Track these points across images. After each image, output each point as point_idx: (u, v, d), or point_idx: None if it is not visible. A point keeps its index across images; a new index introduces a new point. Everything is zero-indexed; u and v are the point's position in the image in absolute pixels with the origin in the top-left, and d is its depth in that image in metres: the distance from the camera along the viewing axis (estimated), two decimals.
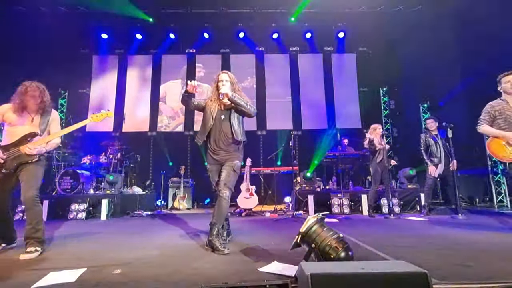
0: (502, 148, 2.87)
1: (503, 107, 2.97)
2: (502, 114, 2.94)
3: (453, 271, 1.78)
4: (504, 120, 2.93)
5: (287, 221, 4.37)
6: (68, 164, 6.47)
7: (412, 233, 3.20)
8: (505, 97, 3.02)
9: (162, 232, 3.53)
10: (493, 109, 3.02)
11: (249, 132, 8.02)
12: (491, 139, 2.98)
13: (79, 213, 5.00)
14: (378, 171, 4.80)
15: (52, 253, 2.42)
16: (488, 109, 3.05)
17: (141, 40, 8.15)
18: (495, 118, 2.99)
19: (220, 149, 2.67)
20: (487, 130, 3.00)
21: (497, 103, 3.03)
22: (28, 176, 2.45)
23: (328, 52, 8.62)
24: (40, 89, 2.68)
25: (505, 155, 2.85)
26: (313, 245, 1.68)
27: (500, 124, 2.95)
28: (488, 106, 3.07)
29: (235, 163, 2.66)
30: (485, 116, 3.05)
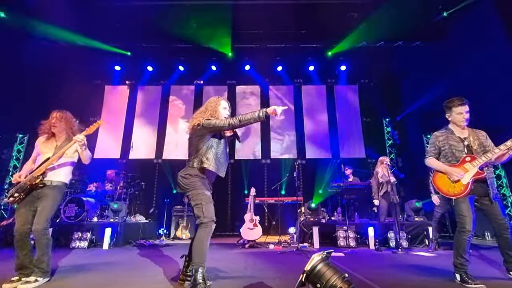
0: (445, 181, 2.66)
1: (447, 137, 2.76)
2: (445, 145, 2.74)
3: None
4: (447, 151, 2.72)
5: (292, 254, 4.27)
6: (74, 191, 6.52)
7: (420, 270, 3.10)
8: (452, 126, 2.82)
9: (163, 263, 3.47)
10: (437, 140, 2.81)
11: (254, 161, 8.20)
12: (435, 173, 2.77)
13: (82, 242, 4.96)
14: (385, 205, 4.75)
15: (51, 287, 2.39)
16: (433, 141, 2.84)
17: (151, 72, 8.56)
18: (440, 150, 2.79)
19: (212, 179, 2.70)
20: (432, 163, 2.80)
21: (441, 133, 2.82)
22: (42, 206, 2.60)
23: (330, 84, 8.92)
24: (64, 116, 2.90)
25: (449, 189, 2.62)
26: (318, 285, 1.66)
27: (446, 156, 2.74)
28: (433, 137, 2.86)
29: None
30: (431, 148, 2.84)
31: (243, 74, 8.69)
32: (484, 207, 2.62)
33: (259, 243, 5.27)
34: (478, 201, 2.63)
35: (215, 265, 3.45)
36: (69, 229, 5.15)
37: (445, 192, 2.65)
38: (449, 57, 6.96)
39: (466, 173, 2.58)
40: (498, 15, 5.71)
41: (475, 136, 2.74)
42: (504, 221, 2.52)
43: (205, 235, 2.28)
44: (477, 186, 2.58)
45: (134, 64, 8.42)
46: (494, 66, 5.73)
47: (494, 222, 2.56)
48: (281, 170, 7.93)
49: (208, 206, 2.35)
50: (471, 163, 2.60)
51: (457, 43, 6.69)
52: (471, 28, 6.25)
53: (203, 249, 2.23)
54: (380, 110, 8.60)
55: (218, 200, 8.06)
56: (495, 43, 5.74)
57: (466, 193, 2.55)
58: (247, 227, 5.18)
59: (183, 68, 8.52)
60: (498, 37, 5.67)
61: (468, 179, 2.57)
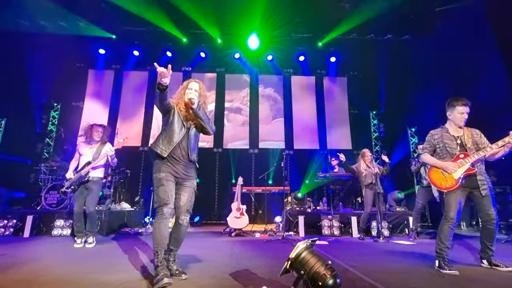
0: (439, 175, 2.81)
1: (442, 135, 2.89)
2: (440, 143, 2.88)
3: None
4: (441, 149, 2.87)
5: (277, 242, 4.35)
6: (56, 178, 6.33)
7: (400, 257, 3.23)
8: (448, 125, 2.94)
9: (148, 252, 3.46)
10: (432, 137, 2.96)
11: (242, 150, 8.19)
12: (430, 168, 2.92)
13: (64, 230, 4.85)
14: (369, 196, 4.88)
15: (36, 275, 2.34)
16: (429, 138, 2.99)
17: (138, 56, 8.28)
18: (435, 147, 2.94)
19: (179, 163, 2.37)
20: (427, 159, 2.93)
21: (436, 131, 2.97)
22: (91, 195, 3.93)
23: (320, 75, 8.93)
24: (105, 131, 4.18)
25: (442, 183, 2.78)
26: (302, 272, 1.69)
27: (439, 153, 2.90)
28: (429, 135, 3.00)
29: (195, 183, 2.49)
30: (426, 145, 2.99)
31: (233, 62, 8.55)
32: (476, 199, 2.76)
33: (245, 231, 5.33)
34: (471, 194, 2.77)
35: (202, 252, 3.47)
36: (51, 217, 5.02)
37: (438, 185, 2.82)
38: (437, 52, 7.08)
39: (458, 169, 2.72)
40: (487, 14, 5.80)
41: (469, 134, 2.87)
42: (493, 214, 2.66)
43: (156, 220, 2.25)
44: (469, 180, 2.73)
45: (119, 48, 8.12)
46: (481, 63, 5.87)
47: (482, 213, 2.71)
48: (268, 160, 7.97)
49: (158, 190, 2.28)
50: (464, 160, 2.74)
51: (445, 38, 6.80)
52: (460, 24, 6.35)
53: (155, 234, 2.23)
54: (367, 102, 8.73)
55: (205, 189, 8.10)
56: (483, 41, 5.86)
57: (457, 187, 2.70)
58: (234, 215, 5.21)
59: (170, 54, 8.28)
60: (486, 35, 5.79)
61: (460, 174, 2.71)
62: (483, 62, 5.83)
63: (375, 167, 4.99)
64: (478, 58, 5.93)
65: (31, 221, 4.84)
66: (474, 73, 5.93)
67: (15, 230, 4.82)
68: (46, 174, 6.43)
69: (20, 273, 2.40)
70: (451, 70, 6.50)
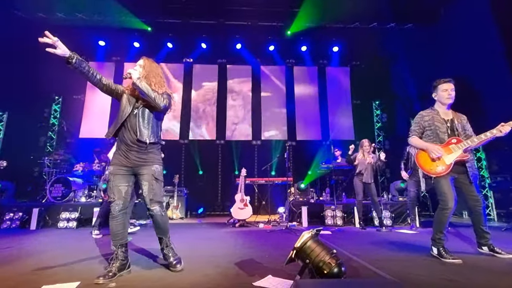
0: (428, 160, 2.71)
1: (433, 117, 2.81)
2: (431, 125, 2.79)
3: (444, 286, 1.83)
4: (432, 131, 2.78)
5: (281, 232, 4.39)
6: (60, 171, 6.38)
7: (403, 246, 3.25)
8: (437, 107, 2.88)
9: (155, 243, 3.50)
10: (423, 119, 2.86)
11: (245, 142, 8.19)
12: (418, 151, 2.82)
13: (70, 222, 4.92)
14: (358, 184, 4.90)
15: (43, 266, 2.39)
16: (418, 120, 2.89)
17: (138, 48, 8.20)
18: (424, 129, 2.84)
19: (131, 149, 2.21)
20: (415, 141, 2.84)
21: (427, 113, 2.87)
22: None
23: (322, 66, 8.83)
24: None
25: (431, 168, 2.68)
26: (307, 261, 1.71)
27: (429, 136, 2.80)
28: (419, 116, 2.90)
29: (154, 168, 2.24)
30: (415, 127, 2.88)
31: (234, 53, 8.46)
32: (461, 185, 2.72)
33: (249, 222, 5.38)
34: (456, 180, 2.72)
35: (206, 243, 3.52)
36: (57, 210, 5.09)
37: (427, 170, 2.71)
38: (440, 41, 6.96)
39: (450, 154, 2.66)
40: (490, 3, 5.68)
41: (458, 119, 2.82)
42: (478, 197, 2.64)
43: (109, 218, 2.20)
44: (456, 166, 2.67)
45: (119, 40, 8.03)
46: (484, 53, 5.78)
47: (468, 198, 2.68)
48: (271, 151, 7.98)
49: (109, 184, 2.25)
50: (456, 145, 2.67)
51: (449, 27, 6.67)
52: (464, 13, 6.22)
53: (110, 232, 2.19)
54: (370, 92, 8.65)
55: (208, 181, 8.14)
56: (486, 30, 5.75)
57: (447, 172, 2.63)
58: (237, 207, 5.25)
59: (171, 45, 8.19)
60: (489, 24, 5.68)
61: (452, 160, 2.65)
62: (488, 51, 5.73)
63: (370, 157, 4.98)
64: (483, 48, 5.83)
65: (37, 214, 4.91)
66: (478, 63, 5.84)
67: (21, 223, 4.90)
68: (50, 168, 6.48)
69: (27, 264, 2.44)
70: (454, 60, 6.41)
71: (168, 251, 2.33)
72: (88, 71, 2.13)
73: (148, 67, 2.33)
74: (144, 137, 2.18)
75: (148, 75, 2.28)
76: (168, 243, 2.37)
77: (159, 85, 2.33)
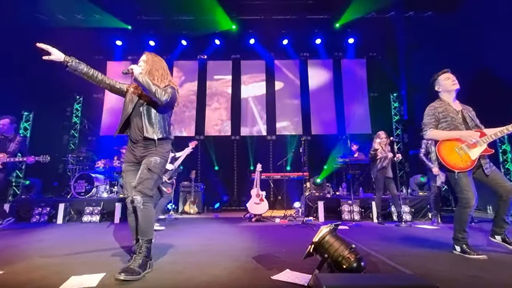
0: (453, 153, 2.54)
1: (446, 108, 2.66)
2: (446, 117, 2.63)
3: (467, 283, 1.78)
4: (449, 123, 2.62)
5: (297, 227, 4.39)
6: (83, 168, 6.64)
7: (423, 242, 3.18)
8: (444, 98, 2.73)
9: (175, 236, 3.61)
10: (436, 111, 2.68)
11: (260, 138, 8.20)
12: (441, 143, 2.60)
13: (93, 216, 5.14)
14: (379, 179, 4.81)
15: (71, 258, 2.52)
16: (432, 111, 2.70)
17: (154, 46, 8.34)
18: (439, 121, 2.66)
19: (137, 145, 2.22)
20: (436, 134, 2.64)
21: (439, 104, 2.72)
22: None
23: (337, 58, 8.65)
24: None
25: (456, 162, 2.51)
26: (326, 255, 1.71)
27: (446, 128, 2.63)
28: (431, 108, 2.72)
29: (152, 160, 2.14)
30: (430, 119, 2.68)
31: (248, 48, 8.44)
32: (482, 179, 2.59)
33: (265, 217, 5.41)
34: (475, 174, 2.61)
35: (223, 237, 3.58)
36: (81, 205, 5.32)
37: (452, 165, 2.55)
38: (461, 29, 6.63)
39: (475, 148, 2.53)
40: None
41: (466, 110, 2.71)
42: (509, 185, 2.49)
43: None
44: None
45: (135, 39, 8.19)
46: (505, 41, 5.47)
47: (498, 188, 2.51)
48: (286, 146, 7.95)
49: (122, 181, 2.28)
50: (482, 139, 2.54)
51: (469, 15, 6.34)
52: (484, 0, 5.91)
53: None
54: (387, 84, 8.39)
55: (224, 176, 8.24)
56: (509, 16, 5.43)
57: (471, 167, 2.52)
58: (253, 201, 5.29)
59: (186, 43, 8.28)
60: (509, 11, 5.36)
61: (477, 154, 2.52)
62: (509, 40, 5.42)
63: (389, 151, 4.89)
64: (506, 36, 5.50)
65: (63, 208, 5.15)
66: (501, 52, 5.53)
67: (49, 217, 5.16)
68: (74, 165, 6.76)
69: (57, 255, 2.58)
70: (476, 48, 6.10)
71: (137, 257, 1.98)
72: (88, 72, 2.19)
73: (151, 61, 2.31)
74: (150, 134, 2.15)
75: (152, 69, 2.27)
76: (142, 249, 2.03)
77: (163, 78, 2.29)
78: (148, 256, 2.04)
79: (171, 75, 2.41)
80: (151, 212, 2.12)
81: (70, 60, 2.13)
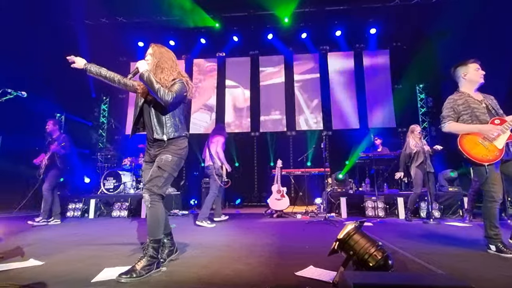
0: (477, 146, 2.39)
1: (466, 100, 2.53)
2: (467, 109, 2.50)
3: (506, 284, 1.68)
4: (470, 115, 2.49)
5: (320, 223, 4.34)
6: (111, 165, 6.97)
7: (454, 240, 3.03)
8: (465, 89, 2.60)
9: (198, 231, 3.70)
10: (456, 103, 2.56)
11: (279, 133, 8.16)
12: (462, 137, 2.48)
13: (122, 211, 5.39)
14: (419, 174, 4.60)
15: (103, 250, 2.66)
16: (451, 104, 2.58)
17: (174, 46, 8.50)
18: (460, 114, 2.54)
19: (152, 145, 2.19)
20: (456, 127, 2.52)
21: (458, 96, 2.59)
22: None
23: (359, 50, 8.38)
24: None
25: (483, 154, 2.36)
26: (351, 252, 1.68)
27: (467, 121, 2.51)
28: (451, 101, 2.60)
29: (163, 157, 2.08)
30: (449, 112, 2.57)
31: (266, 44, 8.39)
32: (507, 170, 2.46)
33: (286, 213, 5.40)
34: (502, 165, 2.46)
35: (246, 232, 3.62)
36: (110, 200, 5.60)
37: (478, 158, 2.40)
38: (496, 13, 6.16)
39: (499, 136, 2.37)
40: None
41: (488, 99, 2.56)
42: None
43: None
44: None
45: (156, 39, 8.34)
46: None
47: None
48: (306, 142, 7.86)
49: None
50: (503, 126, 2.38)
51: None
52: None
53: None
54: (413, 75, 8.00)
55: (244, 173, 8.30)
56: None
57: (500, 157, 2.36)
58: (274, 198, 5.30)
59: (204, 41, 8.38)
60: None
61: (503, 143, 2.37)
62: None
63: (425, 144, 4.66)
64: None
65: (94, 204, 5.45)
66: None
67: (82, 212, 5.48)
68: (102, 162, 7.11)
69: (90, 248, 2.74)
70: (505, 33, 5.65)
71: (142, 258, 1.93)
72: (106, 76, 2.24)
73: (158, 53, 2.21)
74: (159, 135, 2.08)
75: (160, 61, 2.17)
76: (149, 250, 1.96)
77: (172, 70, 2.19)
78: (155, 257, 1.96)
79: (179, 66, 2.32)
80: (159, 211, 2.03)
81: (89, 66, 2.21)
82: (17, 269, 2.06)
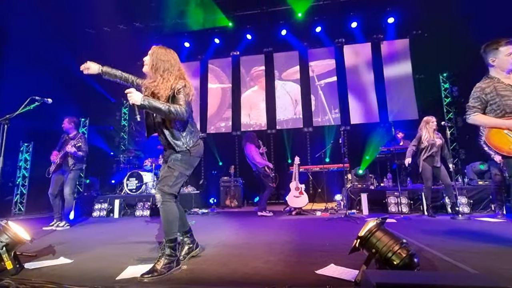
0: (506, 139, 2.21)
1: (495, 87, 2.29)
2: (495, 98, 2.27)
3: None
4: (498, 105, 2.26)
5: (340, 220, 4.25)
6: (133, 166, 7.20)
7: (486, 237, 2.85)
8: (495, 74, 2.35)
9: (218, 229, 3.74)
10: (483, 92, 2.33)
11: (296, 130, 8.07)
12: (489, 130, 2.30)
13: (144, 211, 5.55)
14: (427, 169, 4.41)
15: (127, 249, 2.74)
16: (478, 94, 2.36)
17: (189, 48, 8.62)
18: (487, 104, 2.32)
19: (165, 148, 2.24)
20: (481, 119, 2.34)
21: (486, 84, 2.35)
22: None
23: (376, 41, 8.09)
24: None
25: (511, 145, 2.16)
26: (374, 250, 1.62)
27: (495, 111, 2.28)
28: (477, 90, 2.38)
29: (173, 157, 2.09)
30: (475, 103, 2.37)
31: (280, 40, 8.30)
32: None
33: (305, 210, 5.34)
34: None
35: (265, 229, 3.61)
36: (133, 200, 5.79)
37: (506, 150, 2.21)
38: None
39: None
40: None
41: None
42: None
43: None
44: None
45: (171, 42, 8.53)
46: None
47: None
48: (324, 137, 7.71)
49: None
50: None
51: None
52: None
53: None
54: (435, 64, 7.61)
55: None
56: None
57: None
58: (293, 195, 5.25)
59: (218, 41, 8.42)
60: None
61: None
62: None
63: (437, 137, 4.44)
64: None
65: (118, 204, 5.65)
66: None
67: (107, 212, 5.70)
68: (125, 163, 7.36)
69: (115, 247, 2.84)
70: None
71: (161, 258, 1.94)
72: (121, 78, 2.34)
73: (155, 53, 2.12)
74: (181, 148, 2.09)
75: (156, 62, 2.09)
76: (165, 250, 1.97)
77: (169, 71, 2.09)
78: (173, 255, 1.97)
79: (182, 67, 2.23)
80: (171, 210, 2.03)
81: (104, 69, 2.31)
82: (48, 266, 2.17)
